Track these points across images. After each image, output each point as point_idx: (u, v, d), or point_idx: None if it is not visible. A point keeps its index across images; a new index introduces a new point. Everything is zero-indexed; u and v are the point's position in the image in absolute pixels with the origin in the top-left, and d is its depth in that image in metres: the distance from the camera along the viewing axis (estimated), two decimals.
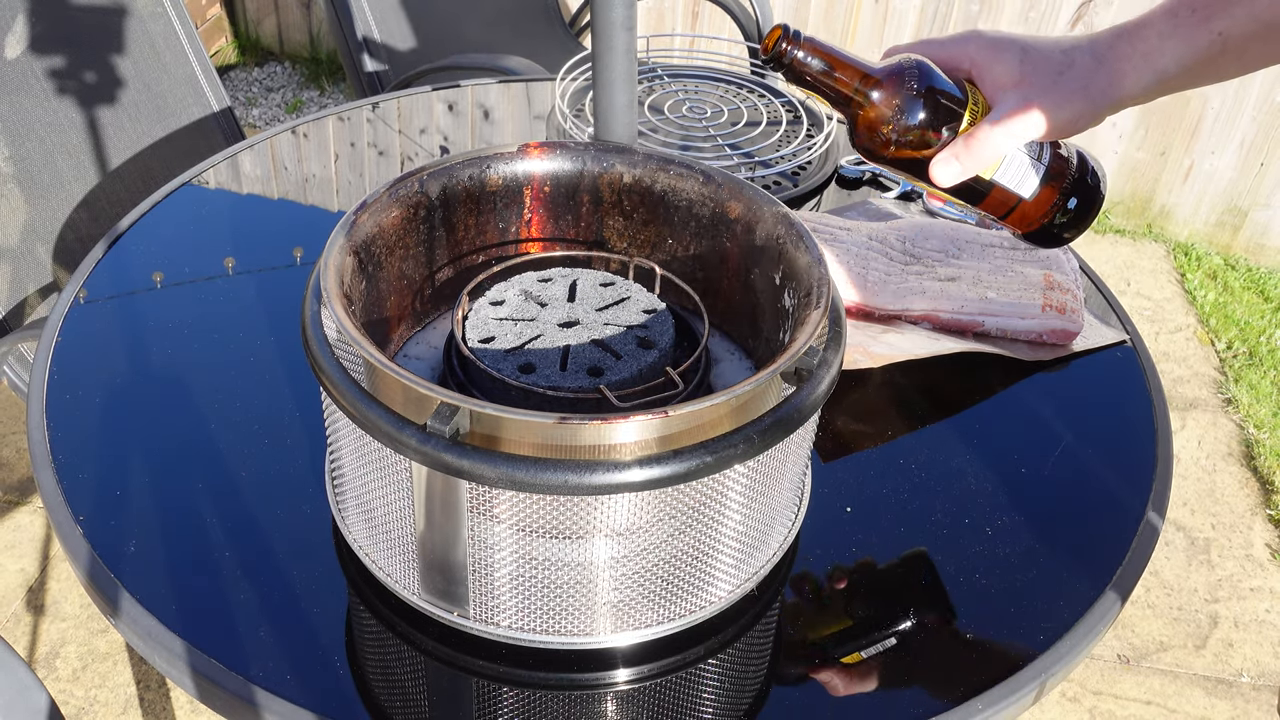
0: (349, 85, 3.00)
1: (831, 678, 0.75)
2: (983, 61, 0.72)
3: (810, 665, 0.76)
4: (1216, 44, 0.67)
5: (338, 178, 1.30)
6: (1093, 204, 0.74)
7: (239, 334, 1.01)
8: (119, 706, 1.55)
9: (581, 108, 1.37)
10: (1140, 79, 0.69)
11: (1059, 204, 0.74)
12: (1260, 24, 0.66)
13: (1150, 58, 0.69)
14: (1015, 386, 1.01)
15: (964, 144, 0.71)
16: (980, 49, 0.72)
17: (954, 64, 0.73)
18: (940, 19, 2.62)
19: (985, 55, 0.72)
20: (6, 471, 1.89)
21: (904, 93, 0.71)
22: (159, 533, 0.81)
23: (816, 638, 0.78)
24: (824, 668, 0.76)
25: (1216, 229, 2.68)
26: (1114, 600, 0.81)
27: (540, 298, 0.80)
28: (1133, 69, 0.69)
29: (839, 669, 0.76)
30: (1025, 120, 0.70)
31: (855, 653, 0.75)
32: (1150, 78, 0.69)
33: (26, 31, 1.43)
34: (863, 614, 0.80)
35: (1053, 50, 0.71)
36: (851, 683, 0.75)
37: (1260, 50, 0.68)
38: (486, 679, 0.73)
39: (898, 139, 0.72)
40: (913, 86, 0.71)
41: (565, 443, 0.62)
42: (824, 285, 0.73)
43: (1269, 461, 2.09)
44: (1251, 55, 0.68)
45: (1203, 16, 0.67)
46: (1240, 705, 1.68)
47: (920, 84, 0.71)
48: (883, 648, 0.77)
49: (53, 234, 1.44)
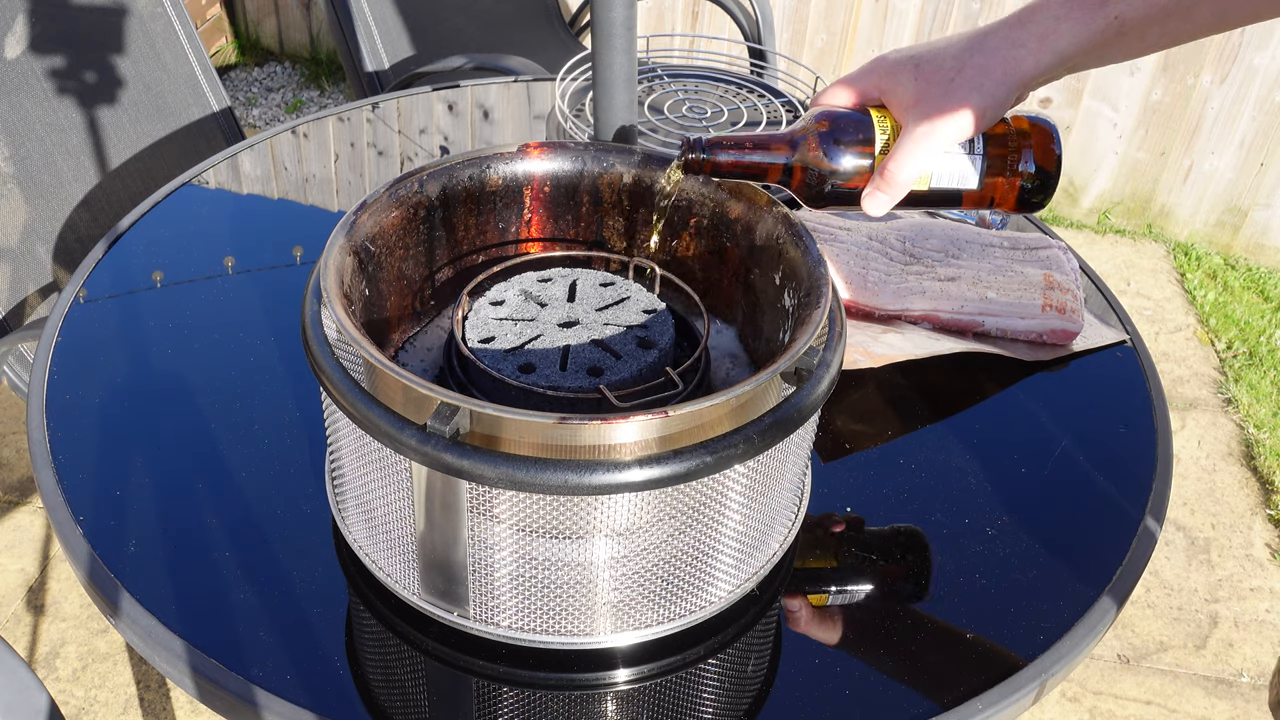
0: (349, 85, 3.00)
1: (831, 679, 0.75)
2: (886, 88, 0.75)
3: (810, 666, 0.76)
4: (1113, 26, 0.69)
5: (338, 178, 1.30)
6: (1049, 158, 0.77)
7: (239, 334, 1.01)
8: (119, 706, 1.55)
9: (581, 108, 1.37)
10: (1039, 61, 0.71)
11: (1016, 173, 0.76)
12: (1155, 8, 0.68)
13: (1046, 39, 0.71)
14: (1015, 386, 1.01)
15: (880, 176, 0.74)
16: (882, 77, 0.75)
17: (866, 97, 0.77)
18: (940, 19, 2.62)
19: (887, 82, 0.75)
20: (6, 471, 1.89)
21: (815, 148, 0.75)
22: (159, 533, 0.81)
23: (815, 640, 0.78)
24: (823, 668, 0.76)
25: (1216, 229, 2.68)
26: (1114, 600, 0.81)
27: (540, 298, 0.80)
28: (1029, 54, 0.71)
29: (838, 670, 0.76)
30: (928, 135, 0.72)
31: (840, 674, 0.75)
32: (1049, 58, 0.71)
33: (26, 31, 1.43)
34: (862, 615, 0.80)
35: (944, 57, 0.73)
36: (851, 683, 0.75)
37: (1159, 32, 0.70)
38: (486, 679, 0.73)
39: (829, 190, 0.76)
40: (819, 141, 0.75)
41: (565, 443, 0.62)
42: (824, 285, 0.73)
43: (1269, 461, 2.09)
44: (1153, 37, 0.70)
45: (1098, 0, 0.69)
46: (1240, 705, 1.68)
47: (826, 136, 0.75)
48: (882, 648, 0.77)
49: (53, 234, 1.44)
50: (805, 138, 0.76)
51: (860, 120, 0.76)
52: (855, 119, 0.76)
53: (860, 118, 0.76)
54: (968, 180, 0.76)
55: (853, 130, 0.75)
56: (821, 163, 0.75)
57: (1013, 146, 0.76)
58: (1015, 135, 0.76)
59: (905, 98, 0.74)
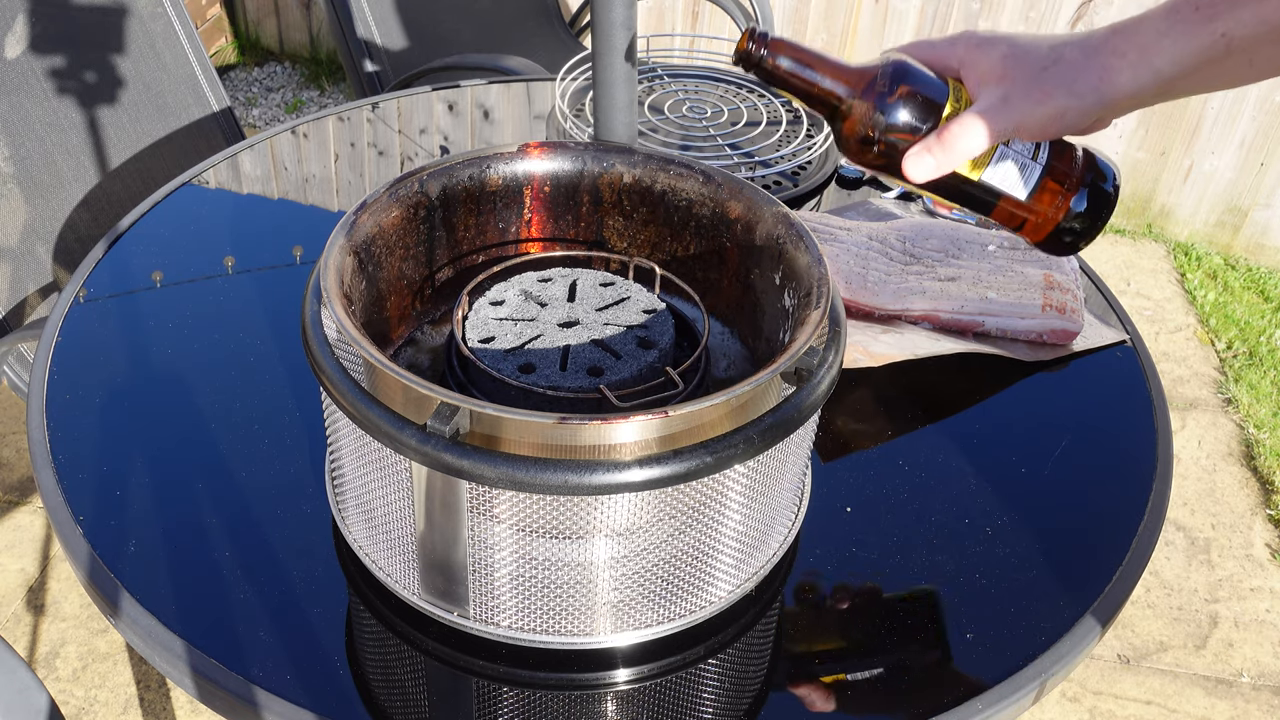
0: (349, 85, 3.00)
1: (831, 678, 0.75)
2: (969, 59, 0.70)
3: (810, 665, 0.76)
4: (1220, 45, 0.64)
5: (338, 178, 1.30)
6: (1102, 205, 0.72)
7: (239, 334, 1.01)
8: (119, 706, 1.55)
9: (581, 108, 1.37)
10: (1136, 76, 0.66)
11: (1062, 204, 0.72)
12: (1269, 27, 0.63)
13: (1146, 54, 0.66)
14: (1015, 386, 1.01)
15: (936, 137, 0.69)
16: (968, 48, 0.71)
17: (943, 63, 0.72)
18: (940, 19, 2.62)
19: (972, 53, 0.70)
20: (6, 471, 1.89)
21: (879, 90, 0.70)
22: (159, 533, 0.81)
23: (815, 639, 0.78)
24: (824, 668, 0.76)
25: (1216, 229, 2.68)
26: (1114, 600, 0.81)
27: (540, 298, 0.80)
28: (1127, 65, 0.66)
29: (838, 670, 0.76)
30: (1002, 114, 0.68)
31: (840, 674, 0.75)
32: (1147, 76, 0.66)
33: (26, 31, 1.43)
34: (862, 615, 0.80)
35: (1040, 46, 0.69)
36: (851, 683, 0.75)
37: (1271, 54, 0.64)
38: (486, 679, 0.73)
39: (878, 138, 0.71)
40: (887, 84, 0.70)
41: (565, 443, 0.62)
42: (824, 285, 0.73)
43: (1269, 461, 2.09)
44: (1264, 59, 0.64)
45: (1206, 15, 0.64)
46: (1240, 705, 1.68)
47: (895, 81, 0.70)
48: (882, 648, 0.77)
49: (53, 234, 1.44)
50: (874, 79, 0.70)
51: (933, 82, 0.70)
52: (929, 77, 0.70)
53: (934, 79, 0.70)
54: (1015, 187, 0.71)
55: (924, 87, 0.70)
56: (883, 109, 0.69)
57: (1075, 174, 0.71)
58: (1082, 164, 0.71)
59: (989, 72, 0.69)
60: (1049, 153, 0.71)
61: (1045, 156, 0.71)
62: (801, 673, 0.75)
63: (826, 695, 0.74)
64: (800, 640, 0.78)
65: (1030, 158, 0.71)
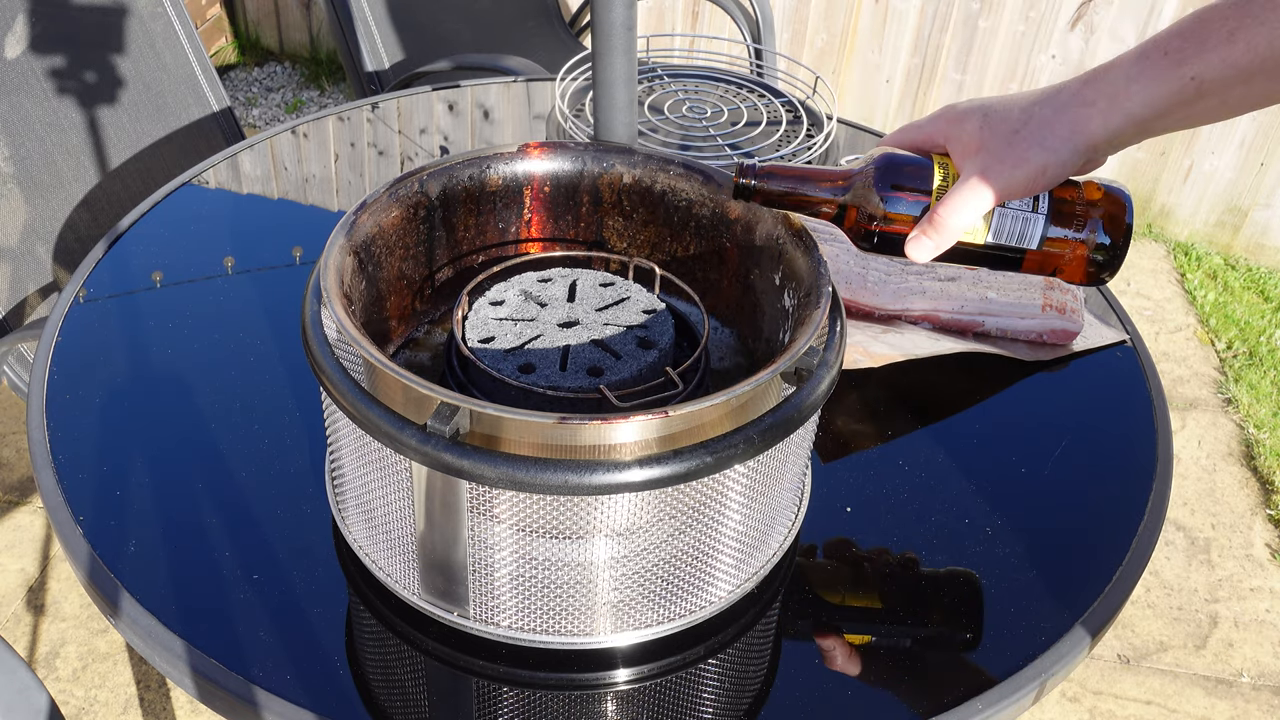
0: (349, 85, 3.00)
1: (831, 678, 0.75)
2: (951, 134, 0.73)
3: (810, 665, 0.76)
4: (1190, 88, 0.65)
5: (338, 178, 1.30)
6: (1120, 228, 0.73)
7: (239, 334, 1.01)
8: (119, 706, 1.55)
9: (581, 108, 1.37)
10: (1107, 122, 0.68)
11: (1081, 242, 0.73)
12: (1237, 70, 0.64)
13: (1116, 100, 0.67)
14: (1015, 386, 1.01)
15: (928, 221, 0.72)
16: (948, 123, 0.73)
17: (931, 142, 0.75)
18: (940, 19, 2.62)
19: (952, 128, 0.73)
20: (6, 471, 1.89)
21: (869, 188, 0.74)
22: (159, 533, 0.81)
23: (815, 639, 0.78)
24: (823, 668, 0.76)
25: (1216, 229, 2.68)
26: (1114, 600, 0.81)
27: (540, 298, 0.80)
28: (1098, 113, 0.68)
29: (838, 671, 0.76)
30: (983, 185, 0.70)
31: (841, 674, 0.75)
32: (1119, 120, 0.68)
33: (26, 31, 1.43)
34: (862, 615, 0.80)
35: (1012, 110, 0.71)
36: (851, 683, 0.75)
37: (1243, 93, 0.65)
38: (486, 679, 0.73)
39: (878, 231, 0.74)
40: (874, 180, 0.74)
41: (565, 443, 0.62)
42: (824, 285, 0.73)
43: (1269, 461, 2.09)
44: (1236, 99, 0.66)
45: (1175, 60, 0.66)
46: (1240, 705, 1.68)
47: (882, 177, 0.74)
48: (882, 648, 0.77)
49: (53, 234, 1.45)
50: (862, 176, 0.74)
51: (919, 164, 0.74)
52: (914, 162, 0.74)
53: (920, 161, 0.74)
54: (1028, 239, 0.73)
55: (910, 173, 0.73)
56: (875, 202, 0.73)
57: (1080, 212, 0.73)
58: (1084, 202, 0.73)
59: (968, 145, 0.72)
60: (1049, 201, 0.73)
61: (1046, 205, 0.73)
62: (801, 673, 0.75)
63: (826, 695, 0.74)
64: (800, 640, 0.78)
65: (1030, 210, 0.73)
